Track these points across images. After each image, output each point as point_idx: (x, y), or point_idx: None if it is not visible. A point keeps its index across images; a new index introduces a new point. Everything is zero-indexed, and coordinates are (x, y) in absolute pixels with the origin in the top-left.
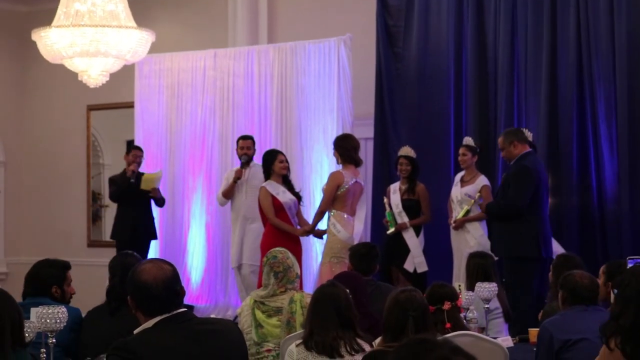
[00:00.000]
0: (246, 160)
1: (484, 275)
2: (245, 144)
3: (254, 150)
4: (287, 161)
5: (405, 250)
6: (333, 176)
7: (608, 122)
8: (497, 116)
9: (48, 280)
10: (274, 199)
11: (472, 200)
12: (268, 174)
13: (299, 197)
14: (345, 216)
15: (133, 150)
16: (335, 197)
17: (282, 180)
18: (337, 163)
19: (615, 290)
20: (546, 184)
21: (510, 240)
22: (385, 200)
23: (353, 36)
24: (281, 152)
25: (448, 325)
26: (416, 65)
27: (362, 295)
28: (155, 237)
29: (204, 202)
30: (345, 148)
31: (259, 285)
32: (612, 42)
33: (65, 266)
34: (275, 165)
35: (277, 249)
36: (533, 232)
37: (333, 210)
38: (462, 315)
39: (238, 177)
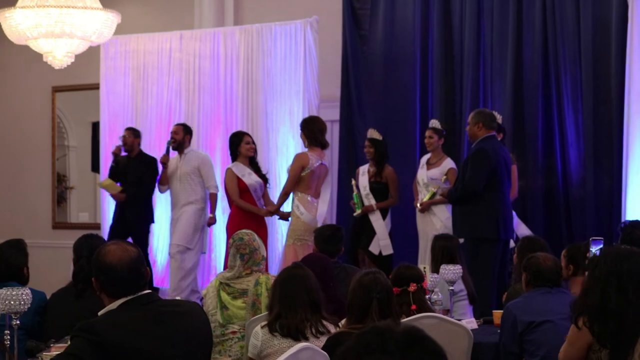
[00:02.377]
0: (171, 145)
1: (449, 258)
2: (174, 129)
3: (184, 136)
4: (253, 143)
5: (371, 233)
6: (298, 157)
7: (573, 106)
8: (462, 99)
9: (20, 260)
10: (239, 180)
11: (438, 184)
12: (235, 155)
13: (265, 179)
14: (309, 198)
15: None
16: (300, 179)
17: (248, 162)
18: (305, 146)
19: None
20: (506, 166)
21: (470, 221)
22: (353, 182)
23: (319, 18)
24: (247, 134)
25: (413, 307)
26: (382, 48)
27: (329, 279)
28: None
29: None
30: (312, 130)
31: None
32: (577, 25)
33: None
34: (241, 147)
35: (243, 230)
36: (492, 213)
37: (298, 193)
38: (427, 297)
39: (162, 162)
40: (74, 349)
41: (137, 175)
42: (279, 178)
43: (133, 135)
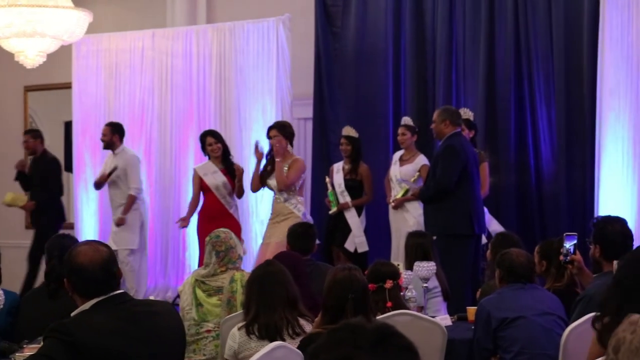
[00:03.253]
0: (104, 146)
1: (423, 255)
2: (102, 130)
3: (112, 136)
4: (218, 142)
5: (346, 230)
6: (302, 166)
7: (546, 101)
8: (435, 96)
9: None
10: (201, 180)
11: (413, 179)
12: (208, 156)
13: (233, 176)
14: (301, 199)
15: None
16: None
17: (220, 160)
18: (286, 149)
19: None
20: (475, 162)
21: (443, 218)
22: (328, 179)
23: (292, 16)
24: (211, 134)
25: (389, 304)
26: (354, 46)
27: (302, 276)
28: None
29: (143, 182)
30: (292, 134)
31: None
32: (549, 19)
33: None
34: (206, 148)
35: (220, 229)
36: (465, 209)
37: (297, 196)
38: (402, 294)
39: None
40: (47, 349)
41: (41, 177)
42: (251, 176)
43: (32, 137)
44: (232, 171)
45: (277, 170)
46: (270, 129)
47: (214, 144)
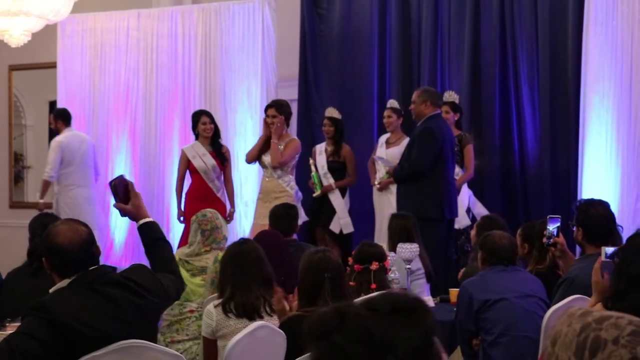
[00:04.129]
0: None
1: (406, 236)
2: (50, 120)
3: (56, 124)
4: (212, 122)
5: (330, 212)
6: (298, 145)
7: (530, 85)
8: (420, 78)
9: None
10: (189, 161)
11: (386, 164)
12: (196, 135)
13: (223, 160)
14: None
15: None
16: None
17: (210, 142)
18: (285, 128)
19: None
20: (451, 146)
21: (415, 200)
22: (311, 161)
23: None
24: (206, 113)
25: (373, 285)
26: (340, 27)
27: (285, 253)
28: None
29: (127, 163)
30: (290, 114)
31: None
32: (534, 3)
33: None
34: (198, 127)
35: (208, 209)
36: (437, 193)
37: (289, 175)
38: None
39: None
40: (26, 327)
41: None
42: (237, 157)
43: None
44: (220, 154)
45: (273, 147)
46: (268, 107)
47: (208, 124)
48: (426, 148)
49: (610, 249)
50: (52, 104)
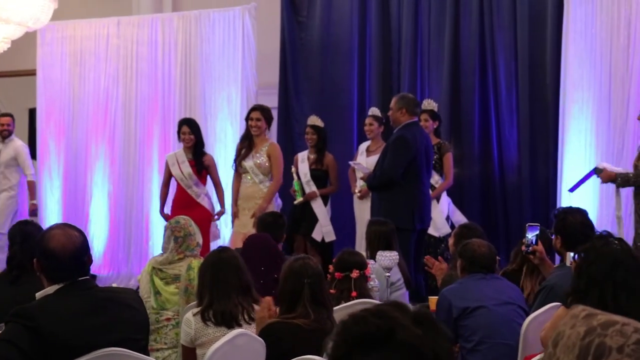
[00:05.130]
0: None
1: (385, 243)
2: (8, 121)
3: (14, 126)
4: (192, 133)
5: (312, 220)
6: (280, 152)
7: (509, 93)
8: (400, 86)
9: None
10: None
11: (362, 170)
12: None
13: (200, 168)
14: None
15: None
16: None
17: (192, 151)
18: (264, 132)
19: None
20: (426, 154)
21: (386, 209)
22: (293, 169)
23: (257, 5)
24: (187, 123)
25: (354, 293)
26: (320, 35)
27: (277, 256)
28: None
29: (107, 170)
30: (272, 119)
31: None
32: (513, 12)
33: None
34: (179, 137)
35: (181, 216)
36: (408, 203)
37: (270, 181)
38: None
39: None
40: (9, 334)
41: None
42: (218, 165)
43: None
44: (200, 162)
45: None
46: (252, 110)
47: (187, 134)
48: (398, 156)
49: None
50: (32, 112)
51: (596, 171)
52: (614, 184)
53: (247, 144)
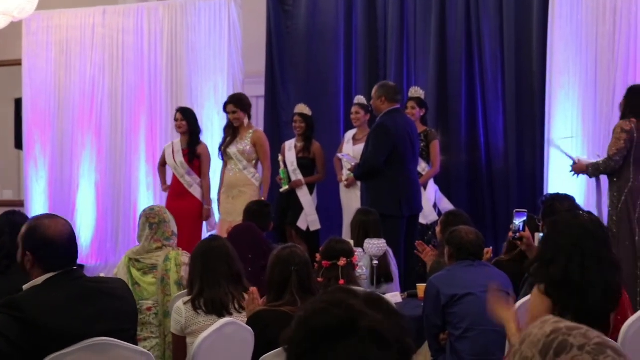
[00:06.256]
0: None
1: (364, 233)
2: None
3: None
4: (184, 119)
5: (298, 209)
6: (265, 139)
7: (495, 79)
8: (386, 74)
9: None
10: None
11: (349, 160)
12: None
13: (191, 157)
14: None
15: None
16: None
17: (187, 139)
18: (246, 120)
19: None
20: (411, 140)
21: (373, 197)
22: (280, 157)
23: None
24: (180, 110)
25: (342, 281)
26: (306, 23)
27: (263, 243)
28: None
29: (94, 160)
30: (250, 106)
31: None
32: None
33: None
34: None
35: (156, 204)
36: (395, 190)
37: (254, 168)
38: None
39: None
40: None
41: None
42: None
43: None
44: (193, 152)
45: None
46: (226, 104)
47: (179, 120)
48: (379, 144)
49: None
50: (18, 102)
51: (573, 166)
52: (586, 174)
53: (231, 132)
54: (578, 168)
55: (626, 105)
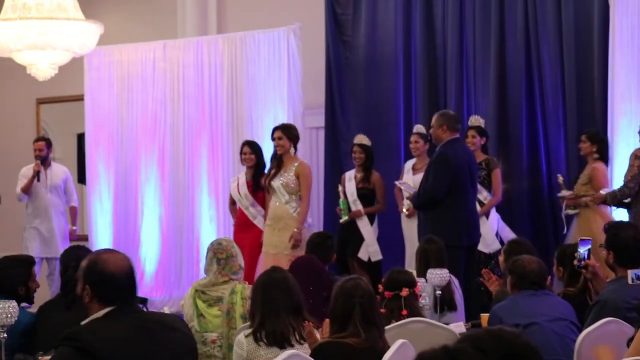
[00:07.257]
0: (40, 160)
1: (425, 261)
2: (37, 146)
3: (47, 150)
4: (253, 152)
5: (358, 239)
6: (310, 172)
7: (556, 106)
8: (446, 102)
9: (15, 280)
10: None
11: (408, 189)
12: None
13: (255, 188)
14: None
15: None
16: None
17: (252, 172)
18: (292, 150)
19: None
20: (470, 170)
21: (433, 227)
22: (340, 188)
23: (302, 25)
24: (248, 144)
25: (404, 312)
26: (365, 53)
27: (325, 275)
28: None
29: (157, 193)
30: (297, 138)
31: None
32: (559, 24)
33: (30, 262)
34: (242, 159)
35: (223, 237)
36: (454, 220)
37: (297, 202)
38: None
39: (37, 170)
40: (59, 357)
41: None
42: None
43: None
44: (257, 184)
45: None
46: (274, 130)
47: (248, 154)
48: (440, 175)
49: (636, 271)
50: (80, 137)
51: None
52: (606, 204)
53: (275, 164)
54: (598, 198)
55: None
